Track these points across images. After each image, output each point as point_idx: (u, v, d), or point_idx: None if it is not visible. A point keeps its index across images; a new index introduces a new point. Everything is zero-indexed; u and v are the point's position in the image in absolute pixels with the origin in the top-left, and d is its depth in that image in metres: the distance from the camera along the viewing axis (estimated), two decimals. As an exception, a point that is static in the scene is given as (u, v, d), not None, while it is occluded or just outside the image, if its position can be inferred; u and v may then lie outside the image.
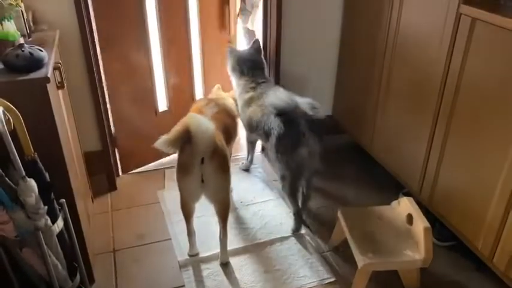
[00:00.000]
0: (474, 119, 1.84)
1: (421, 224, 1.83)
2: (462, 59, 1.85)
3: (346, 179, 2.74)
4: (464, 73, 1.86)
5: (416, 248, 1.85)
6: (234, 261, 2.11)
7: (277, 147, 2.12)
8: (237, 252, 2.15)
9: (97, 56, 2.36)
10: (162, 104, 2.86)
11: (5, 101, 1.29)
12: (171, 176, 2.68)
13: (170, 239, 2.25)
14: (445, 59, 1.94)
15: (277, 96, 2.18)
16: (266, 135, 2.22)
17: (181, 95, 2.91)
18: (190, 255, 2.15)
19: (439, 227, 2.20)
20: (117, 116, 2.62)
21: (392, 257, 1.85)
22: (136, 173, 2.80)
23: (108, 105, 2.55)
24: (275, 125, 2.11)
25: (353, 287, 1.89)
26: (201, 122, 1.87)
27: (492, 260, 1.83)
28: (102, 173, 2.63)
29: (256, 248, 2.19)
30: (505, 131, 1.68)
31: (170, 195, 2.52)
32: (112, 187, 2.64)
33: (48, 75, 1.53)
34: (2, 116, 1.22)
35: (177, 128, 1.87)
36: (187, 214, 2.08)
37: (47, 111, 1.55)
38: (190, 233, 2.13)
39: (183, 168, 1.92)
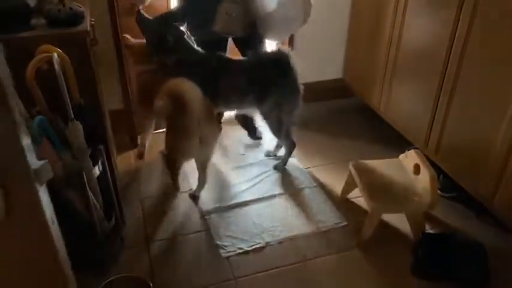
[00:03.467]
0: (477, 79, 1.97)
1: (427, 172, 1.99)
2: (469, 23, 1.97)
3: (356, 138, 2.88)
4: (471, 34, 1.98)
5: (422, 195, 2.01)
6: (253, 208, 2.28)
7: None
8: (256, 201, 2.33)
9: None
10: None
11: (57, 49, 1.42)
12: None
13: (191, 189, 2.42)
14: (452, 21, 2.06)
15: None
16: None
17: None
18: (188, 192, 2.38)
19: (442, 179, 2.37)
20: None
21: (400, 201, 2.02)
22: (155, 133, 2.94)
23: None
24: None
25: (364, 229, 2.06)
26: (189, 85, 2.01)
27: (492, 202, 1.99)
28: (124, 131, 2.77)
29: (273, 198, 2.35)
30: (504, 89, 1.82)
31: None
32: (134, 144, 2.79)
33: (88, 29, 1.66)
34: (59, 59, 1.36)
35: (165, 94, 2.00)
36: (178, 171, 2.26)
37: (87, 62, 1.69)
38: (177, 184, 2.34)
39: (183, 133, 2.06)
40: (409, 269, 1.95)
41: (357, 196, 2.28)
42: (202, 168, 2.29)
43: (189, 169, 2.47)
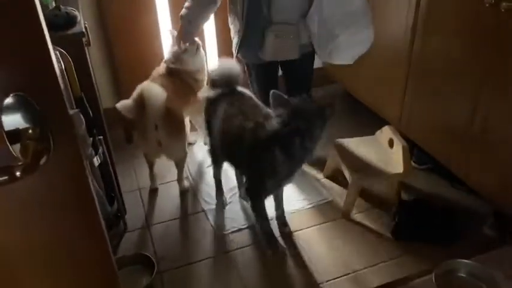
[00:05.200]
0: (441, 59, 2.18)
1: (400, 144, 2.19)
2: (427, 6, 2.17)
3: (338, 120, 3.04)
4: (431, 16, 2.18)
5: (396, 165, 2.21)
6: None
7: None
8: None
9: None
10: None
11: (59, 47, 1.59)
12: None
13: (187, 177, 2.59)
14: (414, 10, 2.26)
15: None
16: None
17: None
18: (152, 189, 2.50)
19: (417, 153, 2.57)
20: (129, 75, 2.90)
21: (377, 172, 2.21)
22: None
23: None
24: None
25: (346, 200, 2.25)
26: (153, 90, 2.10)
27: (463, 170, 2.20)
28: (120, 128, 2.93)
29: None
30: (466, 68, 2.03)
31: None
32: (129, 140, 2.95)
33: (83, 31, 1.83)
34: (60, 57, 1.53)
35: (132, 96, 2.14)
36: (150, 163, 2.43)
37: (83, 60, 1.86)
38: (152, 176, 2.48)
39: (140, 134, 2.23)
40: (389, 232, 2.15)
41: (340, 173, 2.47)
42: (177, 166, 2.40)
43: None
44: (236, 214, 2.32)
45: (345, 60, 2.19)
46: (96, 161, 1.92)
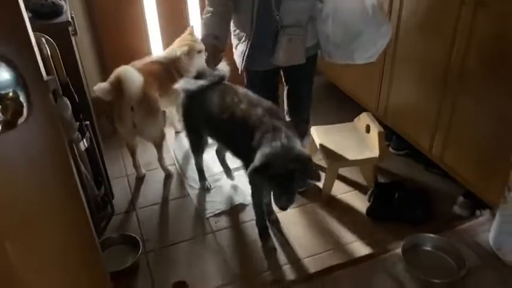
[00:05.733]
0: (412, 49, 2.28)
1: (376, 129, 2.29)
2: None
3: (321, 108, 3.15)
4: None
5: (373, 150, 2.31)
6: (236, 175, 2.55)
7: None
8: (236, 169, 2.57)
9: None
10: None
11: (44, 35, 1.67)
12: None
13: (174, 164, 2.69)
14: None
15: None
16: None
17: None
18: (138, 177, 2.59)
19: (395, 139, 2.68)
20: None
21: (353, 156, 2.31)
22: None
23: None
24: None
25: (324, 184, 2.35)
26: (129, 73, 2.18)
27: (431, 151, 2.31)
28: (108, 114, 3.00)
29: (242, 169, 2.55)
30: (437, 56, 2.13)
31: (171, 132, 2.93)
32: (114, 130, 3.01)
33: (70, 20, 1.91)
34: (46, 44, 1.61)
35: (109, 78, 2.22)
36: (131, 150, 2.50)
37: (70, 49, 1.94)
38: (136, 164, 2.55)
39: (116, 116, 2.29)
40: (365, 213, 2.26)
41: (319, 159, 2.56)
42: (155, 147, 2.50)
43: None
44: (219, 198, 2.41)
45: (369, 58, 2.07)
46: (83, 145, 2.00)
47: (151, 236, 2.19)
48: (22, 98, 0.68)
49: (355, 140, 2.40)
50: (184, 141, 2.88)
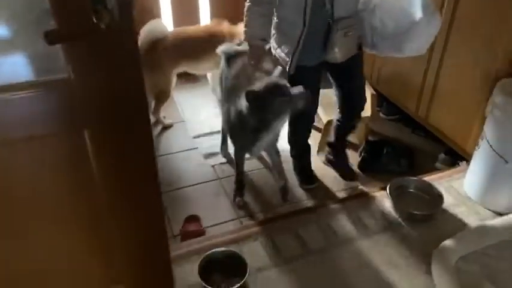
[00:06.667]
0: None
1: (369, 92, 2.52)
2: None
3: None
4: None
5: (365, 110, 2.55)
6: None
7: None
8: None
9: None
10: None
11: None
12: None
13: (184, 121, 2.94)
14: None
15: None
16: None
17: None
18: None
19: (385, 105, 2.94)
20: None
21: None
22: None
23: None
24: None
25: (320, 141, 2.60)
26: (152, 25, 2.63)
27: (418, 113, 2.58)
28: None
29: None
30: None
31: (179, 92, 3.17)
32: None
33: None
34: None
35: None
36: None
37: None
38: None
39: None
40: (357, 166, 2.52)
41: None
42: (154, 100, 2.79)
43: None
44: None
45: (420, 49, 1.96)
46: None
47: (161, 180, 2.42)
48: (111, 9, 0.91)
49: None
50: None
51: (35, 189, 1.13)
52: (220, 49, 2.37)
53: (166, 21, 3.10)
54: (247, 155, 2.28)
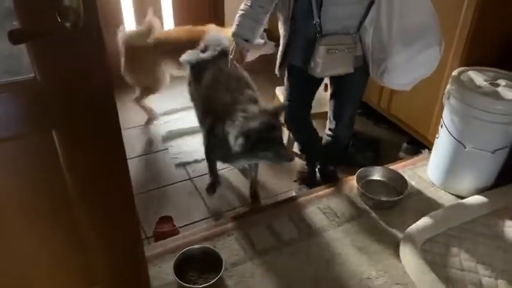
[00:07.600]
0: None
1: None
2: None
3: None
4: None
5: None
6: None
7: None
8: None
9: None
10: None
11: None
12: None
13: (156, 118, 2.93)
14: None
15: None
16: None
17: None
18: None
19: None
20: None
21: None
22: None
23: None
24: None
25: (287, 139, 2.65)
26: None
27: (380, 105, 2.67)
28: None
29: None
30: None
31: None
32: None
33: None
34: None
35: None
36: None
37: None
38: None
39: None
40: (324, 159, 2.58)
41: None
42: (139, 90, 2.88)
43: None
44: (195, 148, 2.65)
45: (400, 85, 1.90)
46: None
47: (135, 181, 2.41)
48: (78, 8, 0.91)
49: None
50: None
51: (2, 193, 1.11)
52: (183, 58, 2.26)
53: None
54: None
